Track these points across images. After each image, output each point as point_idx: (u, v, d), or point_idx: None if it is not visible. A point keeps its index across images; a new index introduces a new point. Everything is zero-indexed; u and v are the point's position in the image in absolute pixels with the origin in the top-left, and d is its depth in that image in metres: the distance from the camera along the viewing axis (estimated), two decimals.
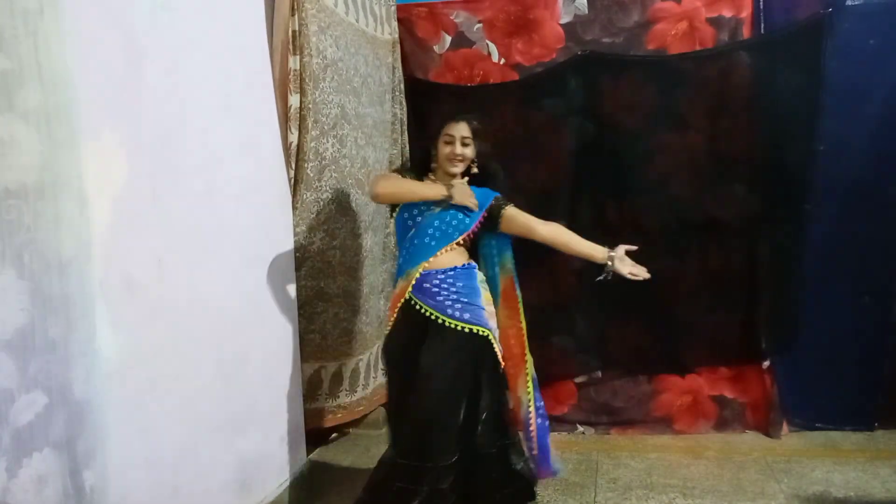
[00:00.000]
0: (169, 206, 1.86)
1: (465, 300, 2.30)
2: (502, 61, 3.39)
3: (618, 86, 3.23)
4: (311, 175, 2.61)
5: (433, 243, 2.34)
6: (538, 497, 2.65)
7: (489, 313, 2.34)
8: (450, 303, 2.28)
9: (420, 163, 2.55)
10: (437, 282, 2.31)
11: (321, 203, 2.70)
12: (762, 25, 3.15)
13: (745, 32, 3.17)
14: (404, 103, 3.41)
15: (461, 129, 2.40)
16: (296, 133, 2.52)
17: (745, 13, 3.16)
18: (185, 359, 1.93)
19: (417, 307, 2.30)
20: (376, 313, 3.17)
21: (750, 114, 3.16)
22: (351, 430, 3.43)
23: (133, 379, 1.69)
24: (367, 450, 3.22)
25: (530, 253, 3.22)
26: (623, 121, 3.26)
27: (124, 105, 1.69)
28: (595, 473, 2.85)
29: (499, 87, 3.39)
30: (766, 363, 3.24)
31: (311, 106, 2.55)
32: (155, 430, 1.79)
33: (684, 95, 3.19)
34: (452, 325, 2.25)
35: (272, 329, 2.44)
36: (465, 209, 2.37)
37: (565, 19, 3.30)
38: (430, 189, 2.34)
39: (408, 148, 3.44)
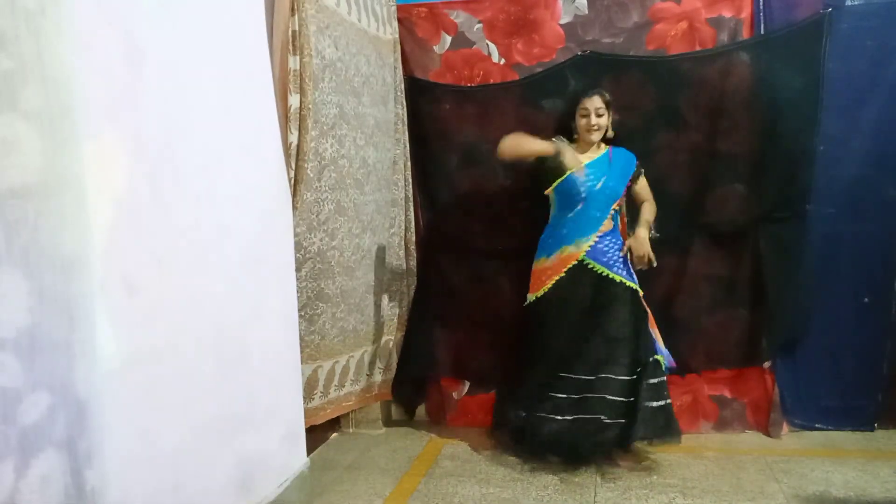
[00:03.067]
0: (169, 206, 1.86)
1: (623, 260, 2.96)
2: (502, 61, 3.39)
3: (618, 86, 3.23)
4: (311, 175, 2.61)
5: (598, 214, 2.96)
6: (538, 496, 2.66)
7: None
8: (613, 262, 2.95)
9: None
10: (603, 246, 2.96)
11: (321, 203, 2.70)
12: (762, 26, 3.15)
13: (745, 33, 3.17)
14: (405, 103, 3.42)
15: (595, 102, 2.95)
16: (296, 133, 2.52)
17: (745, 13, 3.16)
18: (185, 359, 1.93)
19: (590, 267, 2.94)
20: (372, 312, 3.17)
21: (750, 114, 3.16)
22: (351, 429, 3.44)
23: (133, 379, 1.69)
24: (368, 450, 3.23)
25: (531, 252, 3.24)
26: (623, 121, 3.26)
27: (124, 105, 1.69)
28: (595, 473, 2.86)
29: (499, 87, 3.39)
30: (767, 363, 3.24)
31: (310, 106, 2.55)
32: (155, 430, 1.79)
33: (684, 96, 3.20)
34: (619, 281, 2.93)
35: (272, 329, 2.44)
36: (616, 177, 2.96)
37: (565, 19, 3.31)
38: (542, 145, 2.87)
39: (409, 148, 3.44)
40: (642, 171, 3.05)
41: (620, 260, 2.96)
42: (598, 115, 2.94)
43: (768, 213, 3.18)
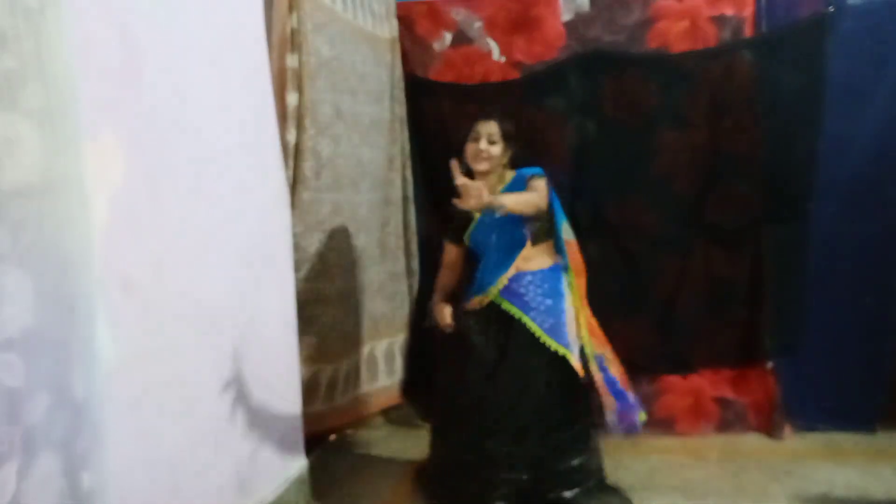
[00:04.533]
0: (168, 205, 1.85)
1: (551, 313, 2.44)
2: (503, 59, 3.37)
3: (619, 84, 3.22)
4: (309, 175, 2.60)
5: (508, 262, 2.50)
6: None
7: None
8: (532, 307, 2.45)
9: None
10: (519, 287, 2.48)
11: (319, 203, 2.68)
12: (764, 24, 3.14)
13: (747, 31, 3.16)
14: (404, 101, 3.40)
15: (489, 127, 2.48)
16: (294, 132, 2.51)
17: (748, 12, 3.15)
18: (183, 359, 1.92)
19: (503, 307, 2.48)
20: (369, 314, 3.15)
21: (752, 113, 3.15)
22: (351, 430, 3.43)
23: (131, 379, 1.68)
24: (368, 450, 3.22)
25: None
26: (624, 119, 3.25)
27: (122, 104, 1.68)
28: None
29: (500, 85, 3.37)
30: (769, 364, 3.23)
31: (308, 105, 2.53)
32: (153, 431, 1.77)
33: (686, 94, 3.19)
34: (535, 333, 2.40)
35: (271, 329, 2.42)
36: (509, 221, 2.41)
37: (567, 17, 3.29)
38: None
39: (408, 146, 3.42)
40: (539, 176, 2.45)
41: (545, 308, 2.42)
42: (490, 143, 2.46)
43: (770, 212, 3.17)
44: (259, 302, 2.33)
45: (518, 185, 2.48)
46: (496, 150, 2.48)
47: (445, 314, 2.58)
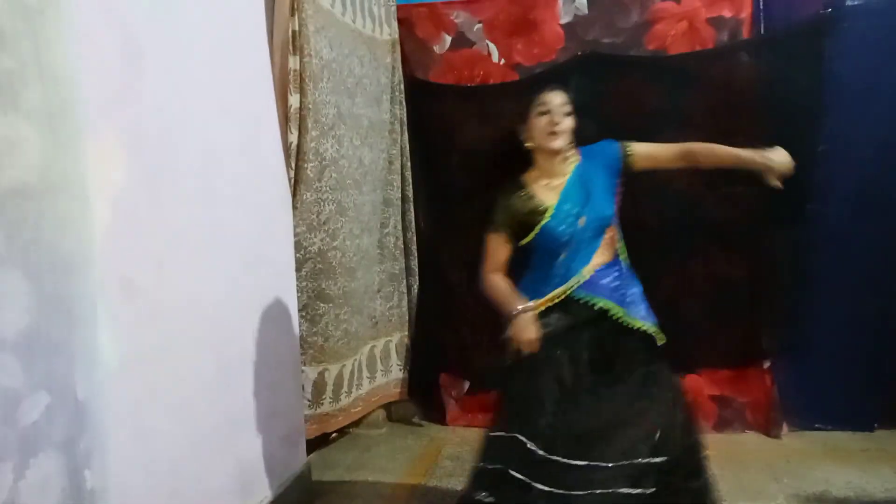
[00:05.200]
0: (169, 206, 1.86)
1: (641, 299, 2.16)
2: (502, 61, 3.39)
3: (618, 86, 3.23)
4: (312, 175, 2.61)
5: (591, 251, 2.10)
6: None
7: None
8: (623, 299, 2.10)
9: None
10: (606, 280, 2.10)
11: (321, 203, 2.70)
12: (762, 25, 3.15)
13: (745, 32, 3.17)
14: (404, 103, 3.41)
15: (558, 97, 2.13)
16: (295, 133, 2.52)
17: (745, 13, 3.16)
18: (184, 360, 1.93)
19: (587, 302, 2.05)
20: (370, 313, 3.17)
21: (751, 114, 3.15)
22: (351, 429, 3.44)
23: (133, 380, 1.69)
24: (367, 450, 3.23)
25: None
26: (624, 121, 3.25)
27: (124, 105, 1.69)
28: None
29: (499, 87, 3.38)
30: (766, 363, 3.24)
31: (310, 106, 2.55)
32: (155, 431, 1.79)
33: (685, 95, 3.19)
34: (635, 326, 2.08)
35: (272, 329, 2.44)
36: (598, 197, 2.08)
37: (565, 19, 3.30)
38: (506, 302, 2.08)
39: (409, 148, 3.44)
40: (629, 145, 2.17)
41: (633, 297, 2.12)
42: (566, 115, 2.10)
43: (770, 213, 3.17)
44: (260, 302, 2.35)
45: (607, 162, 2.15)
46: (569, 123, 2.10)
47: (532, 327, 1.97)
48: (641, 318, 2.09)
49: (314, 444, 2.94)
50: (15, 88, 1.32)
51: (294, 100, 2.50)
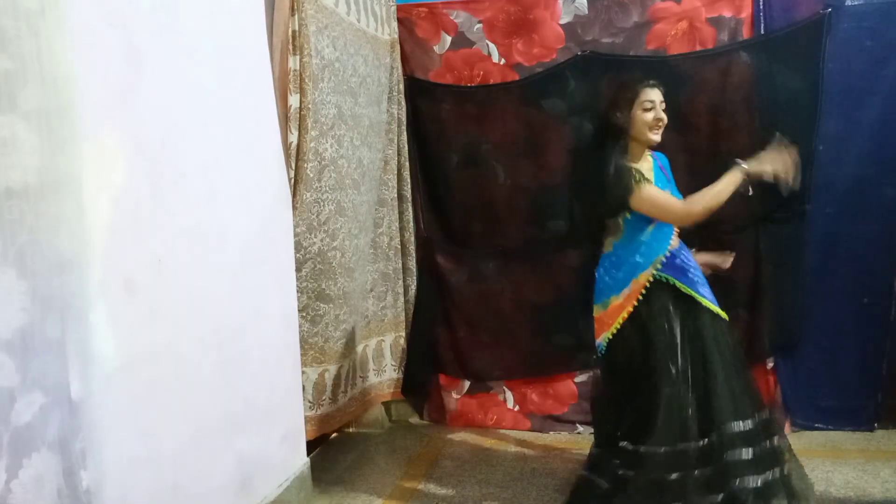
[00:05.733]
0: (169, 206, 1.86)
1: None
2: (502, 61, 3.39)
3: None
4: (311, 175, 2.61)
5: (668, 229, 2.34)
6: (538, 496, 2.66)
7: None
8: (698, 281, 2.32)
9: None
10: (680, 261, 2.32)
11: (321, 204, 2.70)
12: (762, 25, 3.15)
13: (745, 32, 3.17)
14: (403, 103, 3.41)
15: (658, 94, 2.32)
16: (295, 133, 2.52)
17: (745, 13, 3.16)
18: (184, 359, 1.93)
19: (671, 283, 2.28)
20: (364, 313, 3.17)
21: (750, 114, 3.16)
22: (351, 429, 3.44)
23: (133, 379, 1.70)
24: (367, 450, 3.23)
25: (533, 249, 3.24)
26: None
27: (124, 105, 1.70)
28: None
29: (499, 87, 3.38)
30: (770, 364, 3.23)
31: (310, 106, 2.55)
32: (154, 431, 1.79)
33: (684, 95, 3.19)
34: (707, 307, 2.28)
35: (272, 329, 2.44)
36: (674, 184, 2.39)
37: (565, 19, 3.30)
38: (731, 183, 2.27)
39: (406, 148, 3.44)
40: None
41: (703, 279, 2.35)
42: (665, 110, 2.32)
43: (768, 213, 3.18)
44: (260, 301, 2.35)
45: (663, 163, 2.47)
46: (666, 119, 2.33)
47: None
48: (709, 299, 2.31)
49: (314, 444, 2.94)
50: (13, 89, 1.33)
51: (294, 100, 2.50)
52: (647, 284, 2.27)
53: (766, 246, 3.20)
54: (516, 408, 3.47)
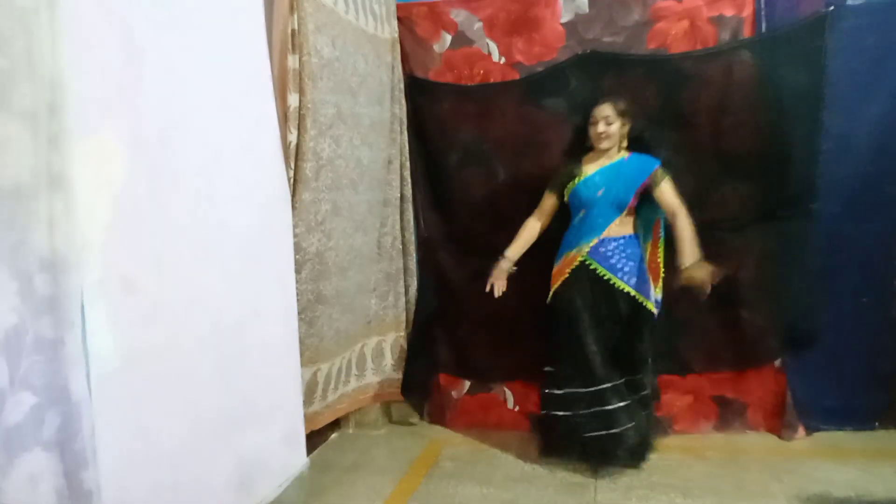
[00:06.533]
0: (168, 205, 1.86)
1: (637, 272, 2.89)
2: (503, 60, 3.38)
3: (619, 85, 3.22)
4: (310, 175, 2.60)
5: (601, 220, 2.89)
6: (538, 496, 2.65)
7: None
8: (618, 269, 2.87)
9: (576, 147, 3.03)
10: (606, 250, 2.88)
11: (318, 203, 2.69)
12: (763, 24, 3.14)
13: (747, 31, 3.16)
14: (404, 102, 3.41)
15: (603, 111, 2.87)
16: (295, 133, 2.52)
17: (747, 12, 3.15)
18: (184, 359, 1.92)
19: (591, 267, 2.89)
20: (363, 312, 3.16)
21: (752, 112, 3.15)
22: (351, 430, 3.44)
23: (131, 379, 1.69)
24: (367, 450, 3.22)
25: (533, 249, 3.23)
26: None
27: (123, 104, 1.69)
28: (595, 473, 2.85)
29: (499, 86, 3.38)
30: (777, 362, 3.22)
31: (309, 105, 2.54)
32: (153, 431, 1.78)
33: (686, 94, 3.18)
34: (624, 290, 2.86)
35: (271, 328, 2.43)
36: (622, 184, 2.87)
37: (566, 18, 3.30)
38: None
39: (407, 147, 3.43)
40: (666, 176, 2.84)
41: (630, 269, 2.88)
42: (608, 124, 2.85)
43: (772, 211, 3.17)
44: (259, 302, 2.34)
45: (637, 172, 2.87)
46: (614, 128, 2.87)
47: (501, 282, 2.96)
48: (631, 285, 2.88)
49: (313, 444, 2.94)
50: (8, 88, 1.32)
51: (293, 99, 2.50)
52: (577, 263, 2.90)
53: (771, 245, 3.19)
54: (517, 408, 3.46)
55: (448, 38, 3.41)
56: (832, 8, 3.01)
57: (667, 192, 2.82)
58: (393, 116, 3.35)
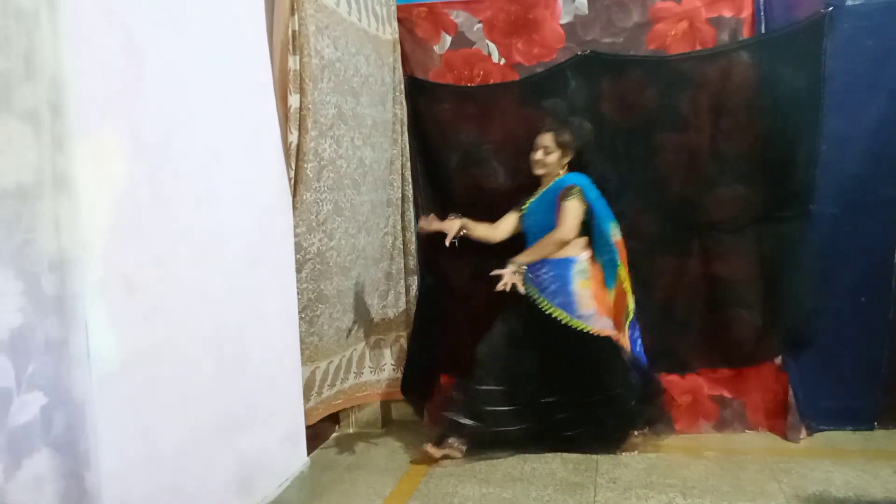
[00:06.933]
0: (169, 206, 1.86)
1: (564, 294, 2.97)
2: (502, 61, 3.39)
3: (618, 86, 3.23)
4: (311, 175, 2.61)
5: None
6: (538, 496, 2.66)
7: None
8: (546, 291, 2.98)
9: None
10: (533, 274, 2.99)
11: (319, 204, 2.70)
12: (762, 25, 3.15)
13: (746, 32, 3.17)
14: (405, 104, 3.41)
15: (544, 140, 3.03)
16: (295, 133, 2.52)
17: (746, 13, 3.16)
18: (184, 359, 1.93)
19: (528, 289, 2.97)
20: (364, 312, 3.17)
21: (751, 114, 3.16)
22: (351, 429, 3.45)
23: (133, 379, 1.69)
24: (368, 450, 3.23)
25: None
26: (623, 121, 3.26)
27: (124, 105, 1.70)
28: (595, 473, 2.86)
29: (499, 87, 3.39)
30: (777, 363, 3.22)
31: (310, 106, 2.55)
32: (154, 431, 1.79)
33: (685, 95, 3.19)
34: (550, 312, 2.97)
35: (272, 329, 2.44)
36: (542, 210, 3.03)
37: (565, 19, 3.30)
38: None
39: (408, 148, 3.44)
40: (573, 196, 2.95)
41: (555, 289, 2.98)
42: (546, 153, 3.00)
43: (771, 212, 3.18)
44: (260, 302, 2.34)
45: (555, 193, 2.99)
46: (552, 158, 3.02)
47: (454, 225, 3.03)
48: (555, 304, 2.98)
49: (314, 444, 2.94)
50: (9, 88, 1.33)
51: (294, 100, 2.50)
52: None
53: (769, 246, 3.20)
54: None
55: (448, 39, 3.42)
56: (831, 9, 3.02)
57: (565, 210, 2.94)
58: (395, 117, 3.36)
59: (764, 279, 3.22)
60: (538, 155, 3.00)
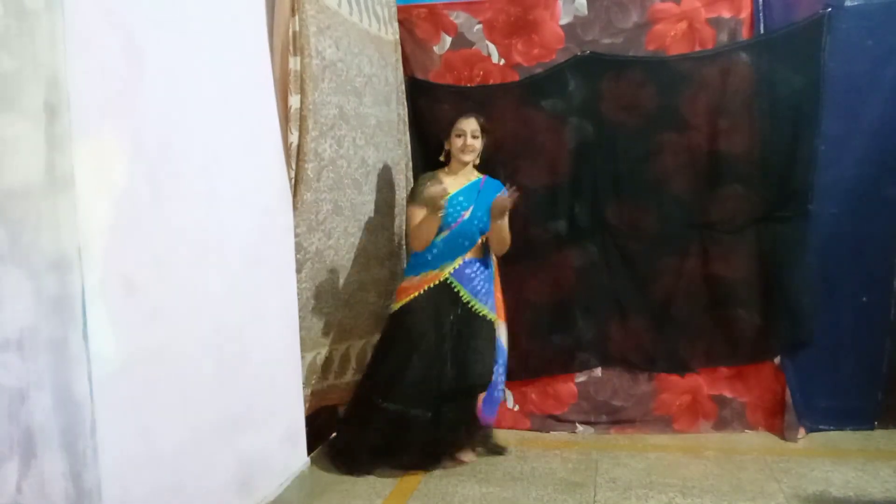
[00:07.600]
0: (169, 206, 1.87)
1: (488, 291, 2.96)
2: (502, 62, 3.39)
3: (618, 86, 3.24)
4: (311, 175, 2.62)
5: (466, 243, 2.93)
6: (538, 496, 2.66)
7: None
8: (479, 291, 2.93)
9: (429, 160, 3.05)
10: (470, 272, 2.93)
11: (319, 204, 2.71)
12: (762, 26, 3.15)
13: (745, 33, 3.18)
14: (406, 103, 3.42)
15: (471, 124, 2.93)
16: (296, 133, 2.53)
17: (745, 14, 3.17)
18: (185, 359, 1.93)
19: (454, 288, 2.91)
20: (362, 309, 3.17)
21: (750, 114, 3.17)
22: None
23: (133, 379, 1.70)
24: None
25: (533, 249, 3.25)
26: (623, 121, 3.27)
27: (124, 105, 1.70)
28: (595, 472, 2.86)
29: (499, 87, 3.39)
30: (776, 363, 3.23)
31: (311, 107, 2.56)
32: (154, 431, 1.79)
33: (684, 96, 3.20)
34: (482, 314, 2.92)
35: (272, 329, 2.44)
36: (484, 208, 2.88)
37: (565, 20, 3.31)
38: (430, 219, 2.77)
39: (410, 148, 3.45)
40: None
41: (485, 290, 2.96)
42: (473, 137, 2.92)
43: (770, 212, 3.18)
44: (260, 302, 2.35)
45: (492, 193, 2.89)
46: (479, 143, 2.97)
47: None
48: (488, 307, 2.96)
49: (314, 444, 2.94)
50: (15, 89, 1.33)
51: (294, 100, 2.51)
52: (437, 282, 2.90)
53: (768, 246, 3.20)
54: (516, 407, 3.47)
55: (448, 39, 3.43)
56: (830, 10, 3.03)
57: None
58: (398, 117, 3.37)
59: (763, 279, 3.23)
60: (469, 139, 2.91)
